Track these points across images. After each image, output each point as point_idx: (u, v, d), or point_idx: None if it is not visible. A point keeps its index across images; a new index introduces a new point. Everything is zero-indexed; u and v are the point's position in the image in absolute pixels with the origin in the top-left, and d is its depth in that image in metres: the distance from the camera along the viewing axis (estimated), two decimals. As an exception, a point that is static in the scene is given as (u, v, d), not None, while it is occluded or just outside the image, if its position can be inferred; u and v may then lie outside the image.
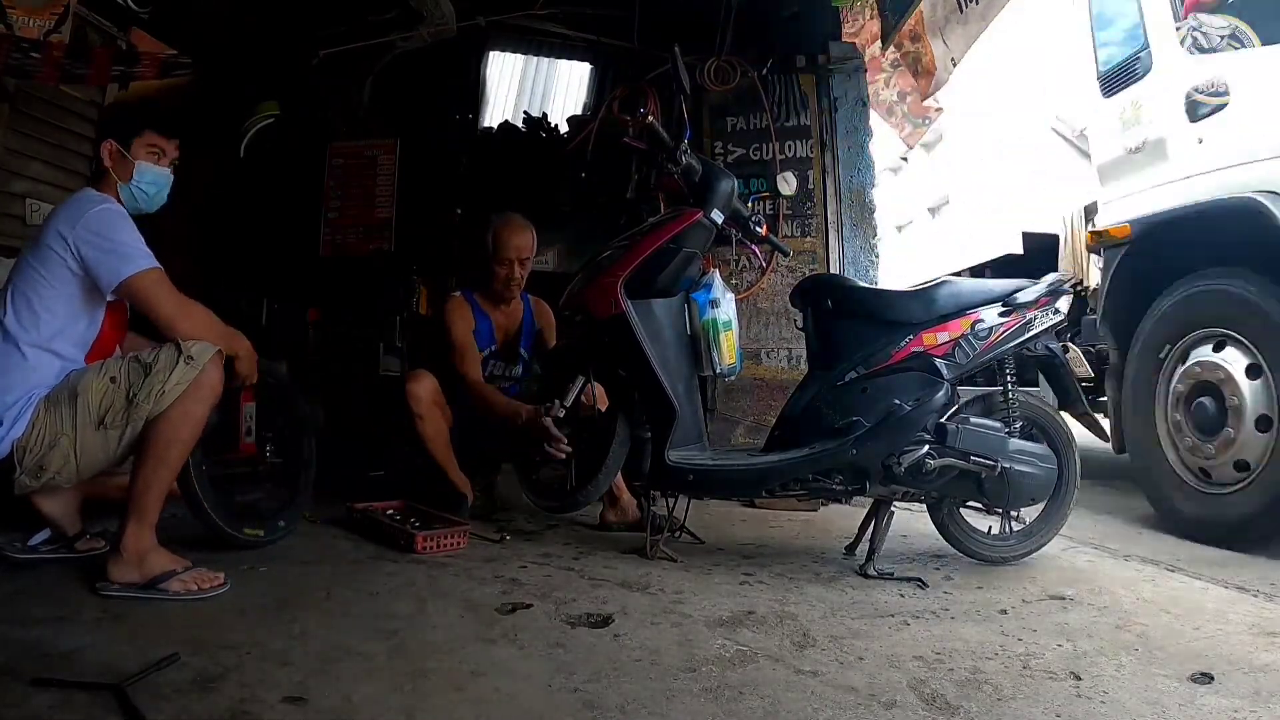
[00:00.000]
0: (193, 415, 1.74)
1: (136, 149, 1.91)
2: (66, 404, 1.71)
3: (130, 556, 1.66)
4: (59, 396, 1.72)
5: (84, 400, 1.71)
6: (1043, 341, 2.24)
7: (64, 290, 1.76)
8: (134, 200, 1.91)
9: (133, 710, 1.10)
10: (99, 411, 1.71)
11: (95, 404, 1.71)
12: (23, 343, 1.72)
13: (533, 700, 1.23)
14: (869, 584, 2.01)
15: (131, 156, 1.90)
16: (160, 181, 1.94)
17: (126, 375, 1.74)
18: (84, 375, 1.76)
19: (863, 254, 3.91)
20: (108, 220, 1.78)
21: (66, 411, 1.71)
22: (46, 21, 3.40)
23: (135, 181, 1.90)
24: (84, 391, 1.72)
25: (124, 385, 1.72)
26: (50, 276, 1.75)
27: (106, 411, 1.71)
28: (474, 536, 2.30)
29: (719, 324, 2.24)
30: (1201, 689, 1.34)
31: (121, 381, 1.73)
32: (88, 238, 1.74)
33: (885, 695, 1.29)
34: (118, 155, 1.90)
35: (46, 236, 1.77)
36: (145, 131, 1.92)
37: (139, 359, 1.76)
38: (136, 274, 1.75)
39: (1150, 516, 3.02)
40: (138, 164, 1.90)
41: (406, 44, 4.34)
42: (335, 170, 4.53)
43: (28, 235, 3.75)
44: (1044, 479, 2.18)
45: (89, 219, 1.75)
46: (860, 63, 3.97)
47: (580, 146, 4.36)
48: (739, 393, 3.82)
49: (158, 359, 1.74)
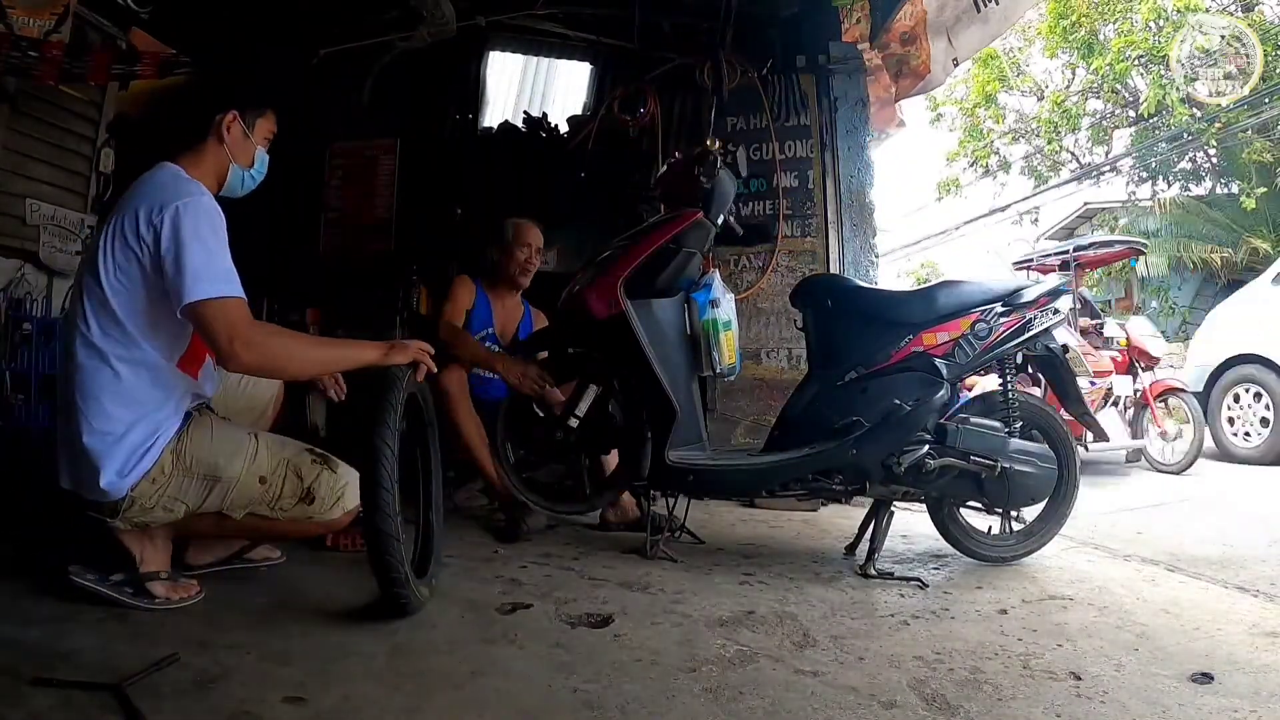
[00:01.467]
0: (301, 535, 1.70)
1: (259, 131, 1.64)
2: (199, 479, 1.54)
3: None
4: (190, 464, 1.54)
5: (222, 489, 1.56)
6: (1042, 341, 2.24)
7: (141, 289, 1.49)
8: (235, 187, 1.66)
9: (133, 710, 1.10)
10: (231, 503, 1.58)
11: (234, 497, 1.57)
12: (112, 357, 1.48)
13: (533, 700, 1.23)
14: (869, 584, 2.01)
15: (254, 138, 1.63)
16: (264, 171, 1.70)
17: (280, 485, 1.59)
18: (229, 459, 1.55)
19: (863, 254, 3.90)
20: (199, 218, 1.48)
21: (196, 486, 1.54)
22: (46, 21, 3.41)
23: (254, 169, 1.65)
24: (226, 481, 1.56)
25: (272, 493, 1.59)
26: (126, 273, 1.49)
27: (240, 504, 1.58)
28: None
29: (719, 324, 2.24)
30: (1201, 689, 1.34)
31: (271, 489, 1.59)
32: (171, 234, 1.45)
33: (885, 695, 1.29)
34: (241, 133, 1.62)
35: (122, 223, 1.49)
36: (268, 112, 1.67)
37: (300, 475, 1.61)
38: (207, 300, 1.45)
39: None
40: (259, 150, 1.64)
41: (406, 44, 4.34)
42: (335, 170, 4.53)
43: (27, 235, 3.75)
44: (1044, 479, 2.18)
45: (182, 211, 1.46)
46: (860, 62, 3.97)
47: (580, 147, 4.36)
48: (739, 393, 3.81)
49: (319, 487, 1.61)
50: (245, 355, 1.48)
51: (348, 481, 1.66)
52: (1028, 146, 16.98)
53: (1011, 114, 16.99)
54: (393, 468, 1.52)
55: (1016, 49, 16.61)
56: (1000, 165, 17.03)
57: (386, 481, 1.50)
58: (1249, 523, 3.22)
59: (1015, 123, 16.93)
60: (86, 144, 4.06)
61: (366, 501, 1.52)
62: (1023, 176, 17.15)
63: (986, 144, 16.79)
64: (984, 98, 16.44)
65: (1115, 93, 15.19)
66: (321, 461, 1.67)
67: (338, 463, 1.70)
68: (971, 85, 16.62)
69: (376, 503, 1.49)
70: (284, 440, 1.71)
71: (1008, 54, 16.37)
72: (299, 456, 1.65)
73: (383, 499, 1.49)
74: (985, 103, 16.54)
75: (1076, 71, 15.89)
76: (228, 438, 1.61)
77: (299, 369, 1.63)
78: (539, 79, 5.99)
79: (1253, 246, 12.19)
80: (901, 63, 3.90)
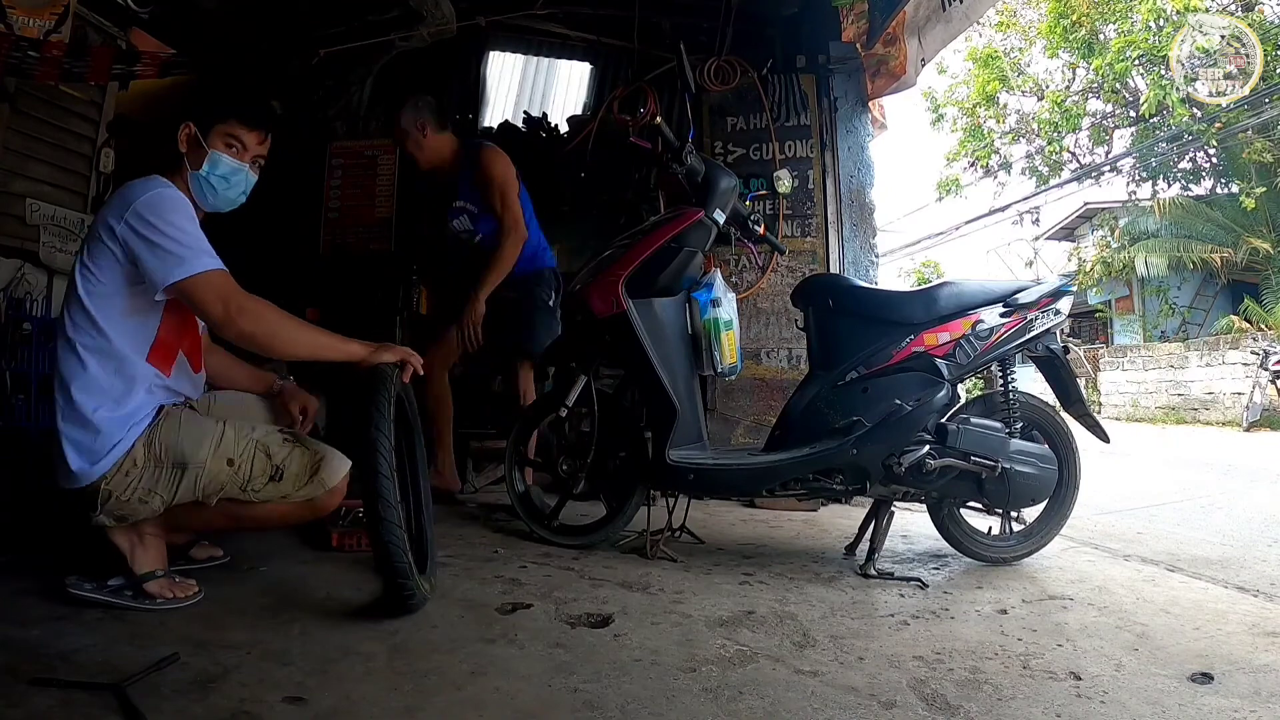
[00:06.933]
0: (287, 521, 1.69)
1: (214, 137, 1.71)
2: (169, 469, 1.57)
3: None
4: (160, 453, 1.57)
5: (192, 475, 1.57)
6: (1043, 342, 2.24)
7: (113, 286, 1.57)
8: (204, 195, 1.72)
9: (133, 710, 1.10)
10: (205, 490, 1.59)
11: (205, 484, 1.58)
12: (80, 347, 1.56)
13: (533, 700, 1.23)
14: (869, 584, 2.01)
15: (208, 145, 1.70)
16: (234, 177, 1.74)
17: (249, 465, 1.60)
18: (196, 445, 1.58)
19: (863, 254, 3.91)
20: (159, 206, 1.57)
21: (166, 475, 1.57)
22: (46, 21, 3.41)
23: (206, 172, 1.70)
24: (194, 466, 1.58)
25: (243, 475, 1.60)
26: (99, 271, 1.56)
27: (213, 490, 1.59)
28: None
29: (720, 323, 2.24)
30: (1201, 689, 1.34)
31: (241, 470, 1.60)
32: (136, 226, 1.54)
33: (885, 695, 1.29)
34: (193, 141, 1.70)
35: (97, 224, 1.59)
36: (230, 120, 1.73)
37: (269, 453, 1.62)
38: (190, 277, 1.54)
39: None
40: (211, 153, 1.70)
41: (406, 44, 4.35)
42: (335, 170, 4.53)
43: (27, 235, 3.75)
44: (1044, 479, 2.18)
45: (140, 205, 1.55)
46: (859, 63, 3.97)
47: (580, 146, 4.36)
48: (739, 393, 3.82)
49: (290, 463, 1.62)
50: (240, 320, 1.56)
51: (324, 456, 1.66)
52: (1028, 146, 16.98)
53: (1012, 114, 17.01)
54: (390, 456, 1.53)
55: (1017, 49, 16.63)
56: (1000, 165, 17.03)
57: (385, 468, 1.51)
58: (1249, 523, 3.22)
59: (1016, 123, 16.94)
60: (86, 144, 4.06)
61: (367, 490, 1.52)
62: (1023, 176, 17.16)
63: (987, 144, 16.80)
64: (985, 98, 16.45)
65: (1115, 93, 15.19)
66: (293, 440, 1.69)
67: (312, 440, 1.71)
68: (972, 85, 16.63)
69: (378, 490, 1.50)
70: (255, 425, 1.72)
71: (1008, 54, 16.39)
72: (269, 436, 1.67)
73: (383, 486, 1.50)
74: (986, 103, 16.55)
75: (1076, 71, 15.90)
76: (195, 426, 1.64)
77: (285, 346, 1.66)
78: (539, 79, 5.99)
79: (1253, 246, 12.19)
80: (881, 63, 3.89)
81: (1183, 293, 14.71)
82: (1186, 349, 11.84)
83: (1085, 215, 17.18)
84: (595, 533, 2.36)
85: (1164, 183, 15.15)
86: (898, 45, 3.76)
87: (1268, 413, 9.60)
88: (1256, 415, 9.47)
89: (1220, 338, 11.57)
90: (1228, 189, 13.78)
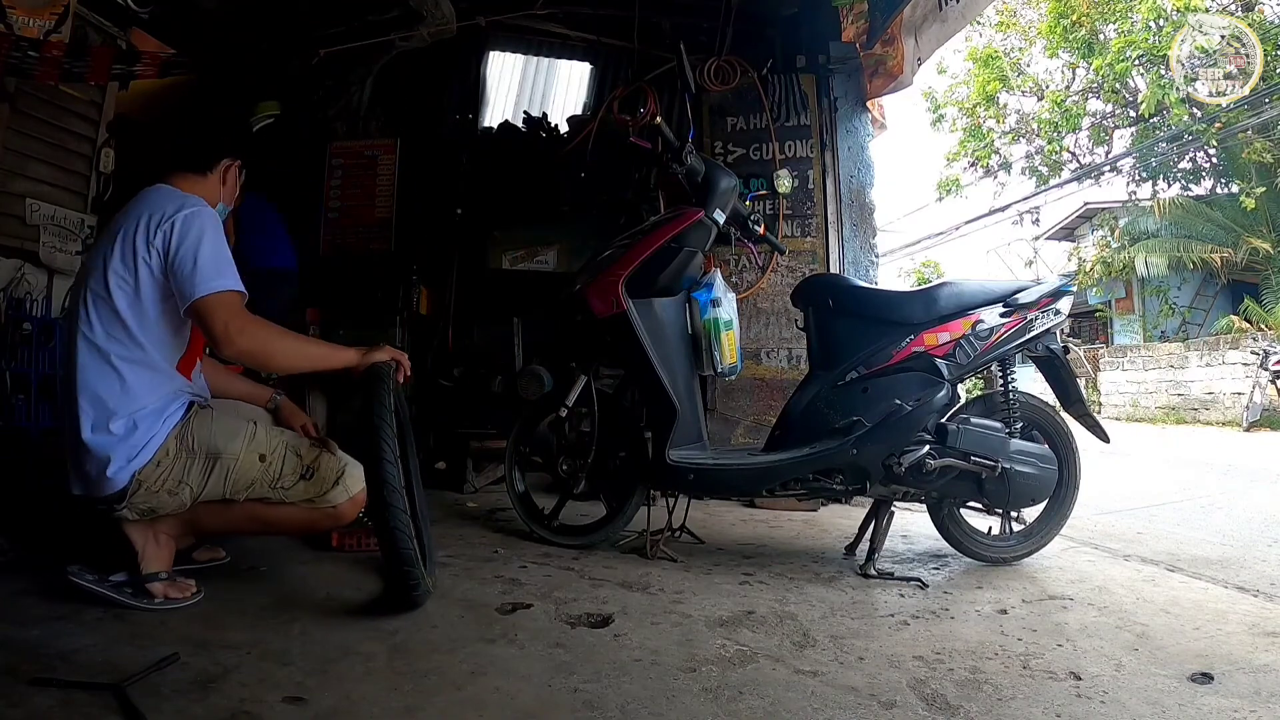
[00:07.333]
0: (308, 527, 1.72)
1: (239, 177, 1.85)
2: (200, 460, 1.60)
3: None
4: (193, 445, 1.60)
5: (223, 468, 1.61)
6: (1043, 342, 2.24)
7: (148, 293, 1.58)
8: None
9: (133, 710, 1.10)
10: (235, 484, 1.63)
11: (236, 477, 1.62)
12: (115, 358, 1.56)
13: (533, 700, 1.23)
14: (869, 584, 2.01)
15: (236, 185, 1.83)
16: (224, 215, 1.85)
17: (280, 464, 1.65)
18: (230, 437, 1.63)
19: (863, 254, 3.90)
20: (208, 222, 1.62)
21: (198, 467, 1.60)
22: (46, 21, 3.41)
23: (223, 210, 1.79)
24: (227, 459, 1.62)
25: (273, 471, 1.64)
26: (132, 279, 1.58)
27: (243, 485, 1.63)
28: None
29: (720, 323, 2.24)
30: (1201, 689, 1.34)
31: (272, 466, 1.64)
32: (183, 238, 1.57)
33: (885, 695, 1.29)
34: (235, 180, 1.82)
35: (129, 231, 1.58)
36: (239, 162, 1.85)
37: (299, 454, 1.68)
38: (212, 294, 1.57)
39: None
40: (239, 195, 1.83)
41: (406, 44, 4.34)
42: (335, 170, 4.53)
43: (27, 235, 3.75)
44: (1044, 479, 2.18)
45: (191, 217, 1.59)
46: (859, 62, 3.96)
47: (580, 146, 4.35)
48: (739, 393, 3.81)
49: (319, 466, 1.67)
50: (239, 340, 1.59)
51: (347, 463, 1.72)
52: (1028, 146, 16.98)
53: (1012, 114, 17.00)
54: (394, 444, 1.55)
55: (1017, 49, 16.63)
56: (1001, 165, 17.03)
57: (390, 455, 1.53)
58: (1249, 523, 3.22)
59: (1016, 123, 16.93)
60: (86, 144, 4.05)
61: (372, 477, 1.55)
62: (1023, 176, 17.15)
63: (987, 144, 16.79)
64: (985, 98, 16.44)
65: (1115, 93, 15.18)
66: (320, 444, 1.75)
67: (335, 446, 1.76)
68: (972, 85, 16.63)
69: (383, 476, 1.52)
70: (282, 429, 1.79)
71: (1008, 54, 16.39)
72: (297, 440, 1.74)
73: (388, 472, 1.52)
74: (986, 103, 16.54)
75: (1076, 71, 15.89)
76: (229, 420, 1.69)
77: (283, 361, 1.72)
78: (539, 79, 5.99)
79: (1253, 246, 12.19)
80: (878, 63, 3.89)
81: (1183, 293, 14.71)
82: (1186, 349, 11.83)
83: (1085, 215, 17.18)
84: (595, 533, 2.36)
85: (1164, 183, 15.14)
86: (895, 45, 3.76)
87: (1268, 413, 9.60)
88: (1256, 415, 9.47)
89: (1220, 338, 11.56)
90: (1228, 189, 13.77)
